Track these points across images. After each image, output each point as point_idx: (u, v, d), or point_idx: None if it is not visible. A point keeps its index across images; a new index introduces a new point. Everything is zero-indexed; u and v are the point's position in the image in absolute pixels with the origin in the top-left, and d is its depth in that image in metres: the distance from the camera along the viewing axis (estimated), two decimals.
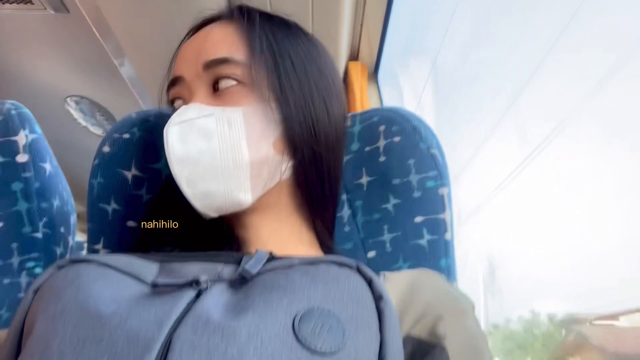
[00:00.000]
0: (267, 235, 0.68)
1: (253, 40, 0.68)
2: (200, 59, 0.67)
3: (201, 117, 0.64)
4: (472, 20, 1.86)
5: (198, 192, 0.63)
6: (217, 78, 0.66)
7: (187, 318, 0.44)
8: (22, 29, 1.61)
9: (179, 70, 0.70)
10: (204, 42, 0.69)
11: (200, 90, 0.67)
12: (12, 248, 0.83)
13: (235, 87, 0.66)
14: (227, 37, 0.69)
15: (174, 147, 0.62)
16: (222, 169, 0.62)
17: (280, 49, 0.69)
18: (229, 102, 0.65)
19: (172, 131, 0.63)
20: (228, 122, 0.63)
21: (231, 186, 0.63)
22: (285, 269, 0.51)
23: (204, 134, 0.63)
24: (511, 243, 2.13)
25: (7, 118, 0.85)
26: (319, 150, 0.69)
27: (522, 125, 1.82)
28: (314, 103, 0.69)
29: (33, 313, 0.49)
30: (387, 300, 0.49)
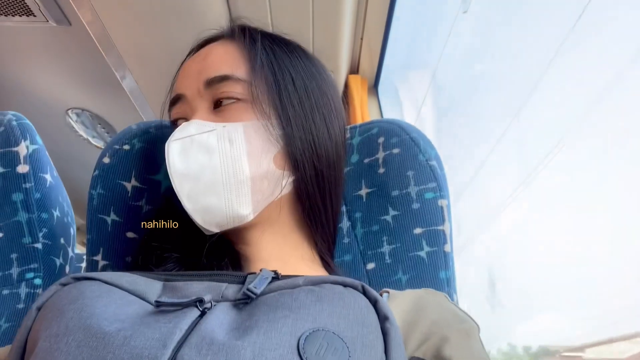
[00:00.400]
0: (268, 251, 0.68)
1: (253, 57, 0.69)
2: (202, 77, 0.68)
3: (202, 133, 0.64)
4: (471, 33, 1.87)
5: (199, 207, 0.63)
6: (218, 95, 0.67)
7: (191, 338, 0.43)
8: (24, 41, 1.61)
9: (180, 88, 0.71)
10: (204, 60, 0.70)
11: (201, 108, 0.68)
12: (12, 259, 0.84)
13: (236, 104, 0.67)
14: (228, 55, 0.70)
15: (175, 163, 0.63)
16: (223, 184, 0.63)
17: (280, 66, 0.70)
18: (230, 118, 0.66)
19: (173, 147, 0.64)
20: (229, 138, 0.64)
21: (232, 201, 0.63)
22: (290, 289, 0.51)
23: (205, 149, 0.64)
24: (512, 256, 2.12)
25: (9, 129, 0.86)
26: (320, 166, 0.70)
27: (523, 138, 1.82)
28: (314, 119, 0.70)
29: (36, 331, 0.48)
30: (393, 321, 0.48)
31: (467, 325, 0.57)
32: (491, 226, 2.01)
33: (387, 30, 1.58)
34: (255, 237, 0.68)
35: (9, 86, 1.84)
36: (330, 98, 0.75)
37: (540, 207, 1.81)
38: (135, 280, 0.55)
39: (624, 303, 1.41)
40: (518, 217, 1.90)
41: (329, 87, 0.76)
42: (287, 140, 0.67)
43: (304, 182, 0.69)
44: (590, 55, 1.42)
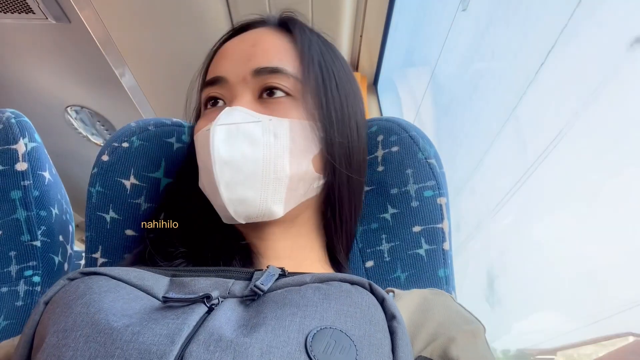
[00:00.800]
0: (283, 249, 0.68)
1: (307, 56, 0.69)
2: (250, 64, 0.67)
3: (248, 123, 0.63)
4: (470, 31, 1.86)
5: (235, 197, 0.62)
6: (266, 86, 0.67)
7: (199, 334, 0.43)
8: (23, 39, 1.61)
9: (222, 70, 0.69)
10: (254, 48, 0.69)
11: (245, 95, 0.67)
12: (10, 256, 0.83)
13: (283, 99, 0.66)
14: (280, 48, 0.69)
15: (219, 148, 0.62)
16: (263, 178, 0.62)
17: (328, 69, 0.70)
18: (276, 112, 0.65)
19: (218, 131, 0.62)
20: (274, 132, 0.64)
21: (267, 197, 0.63)
22: (297, 286, 0.51)
23: (250, 140, 0.63)
24: (512, 254, 2.13)
25: (7, 126, 0.86)
26: (352, 172, 0.70)
27: (522, 136, 1.82)
28: (350, 125, 0.71)
29: (44, 325, 0.48)
30: (400, 320, 0.49)
31: (474, 326, 0.57)
32: (489, 224, 2.01)
33: (387, 28, 1.58)
34: (274, 234, 0.68)
35: (8, 83, 1.84)
36: (361, 106, 0.76)
37: (538, 204, 1.81)
38: (143, 275, 0.55)
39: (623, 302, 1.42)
40: (516, 215, 1.90)
41: (360, 94, 0.77)
42: (326, 144, 0.67)
43: (337, 187, 0.69)
44: (586, 50, 1.42)
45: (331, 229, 0.72)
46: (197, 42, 1.42)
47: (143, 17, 1.36)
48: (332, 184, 0.69)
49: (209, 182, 0.64)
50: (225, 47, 0.72)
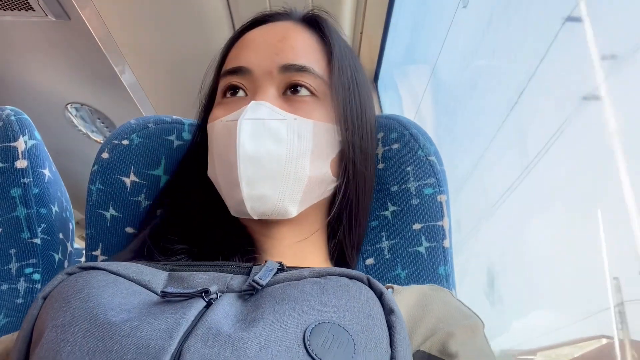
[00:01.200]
0: (287, 247, 0.68)
1: (338, 59, 0.69)
2: (278, 59, 0.66)
3: (274, 120, 0.63)
4: (471, 28, 1.86)
5: (255, 193, 0.62)
6: (292, 84, 0.66)
7: (197, 329, 0.43)
8: (23, 36, 1.61)
9: (246, 61, 0.68)
10: (282, 42, 0.68)
11: (269, 89, 0.66)
12: (11, 254, 0.83)
13: (308, 98, 0.66)
14: (308, 46, 0.69)
15: (245, 143, 0.61)
16: (283, 176, 0.62)
17: (352, 74, 0.70)
18: (300, 111, 0.65)
19: (245, 126, 0.62)
20: (298, 132, 0.63)
21: (285, 195, 0.63)
22: (296, 281, 0.51)
23: (275, 137, 0.62)
24: (512, 252, 2.13)
25: (7, 124, 0.86)
26: (367, 178, 0.71)
27: (522, 133, 1.82)
28: (366, 132, 0.71)
29: (42, 320, 0.48)
30: (398, 314, 0.49)
31: (472, 321, 0.57)
32: (490, 222, 2.01)
33: (387, 25, 1.58)
34: (283, 232, 0.68)
35: (8, 81, 1.84)
36: (374, 111, 0.76)
37: (537, 203, 1.81)
38: (141, 270, 0.55)
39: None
40: (515, 213, 1.90)
41: (372, 100, 0.77)
42: (345, 148, 0.67)
43: (355, 191, 0.69)
44: (588, 48, 1.42)
45: (341, 230, 0.72)
46: (197, 40, 1.42)
47: (143, 14, 1.36)
48: (348, 187, 0.69)
49: (228, 175, 0.63)
50: (250, 37, 0.71)
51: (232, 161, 0.61)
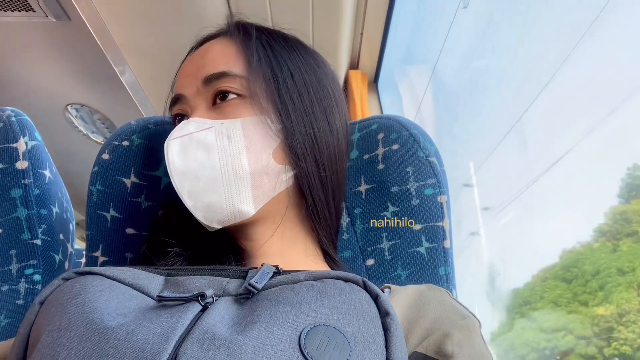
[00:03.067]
0: (270, 246, 0.68)
1: (250, 53, 0.69)
2: (199, 75, 0.68)
3: (200, 131, 0.65)
4: (471, 29, 1.86)
5: (200, 204, 0.63)
6: (216, 92, 0.67)
7: (193, 332, 0.44)
8: (23, 37, 1.61)
9: (179, 88, 0.71)
10: (202, 59, 0.70)
11: (200, 106, 0.68)
12: (11, 255, 0.83)
13: (234, 100, 0.67)
14: (225, 52, 0.70)
15: (175, 161, 0.64)
16: (223, 181, 0.63)
17: (278, 61, 0.70)
18: (229, 114, 0.66)
19: (172, 145, 0.64)
20: (227, 134, 0.64)
21: (232, 198, 0.63)
22: (291, 284, 0.51)
23: (204, 147, 0.64)
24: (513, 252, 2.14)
25: (7, 125, 0.86)
26: (321, 160, 0.69)
27: (523, 133, 1.82)
28: (314, 113, 0.70)
29: (39, 325, 0.49)
30: (393, 316, 0.49)
31: (469, 321, 0.57)
32: (493, 223, 2.02)
33: (387, 25, 1.58)
34: (257, 233, 0.68)
35: (8, 81, 1.84)
36: (330, 91, 0.74)
37: (540, 205, 1.81)
38: (137, 274, 0.55)
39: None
40: (518, 215, 1.91)
41: (330, 80, 0.75)
42: (286, 135, 0.67)
43: (305, 176, 0.68)
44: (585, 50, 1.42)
45: (310, 218, 0.72)
46: (197, 39, 1.42)
47: (143, 14, 1.36)
48: (300, 173, 0.68)
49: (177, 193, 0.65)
50: (183, 65, 0.74)
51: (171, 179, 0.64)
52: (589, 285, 2.18)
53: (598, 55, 1.46)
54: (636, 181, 2.17)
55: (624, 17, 1.30)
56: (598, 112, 1.82)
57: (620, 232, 2.18)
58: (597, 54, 1.44)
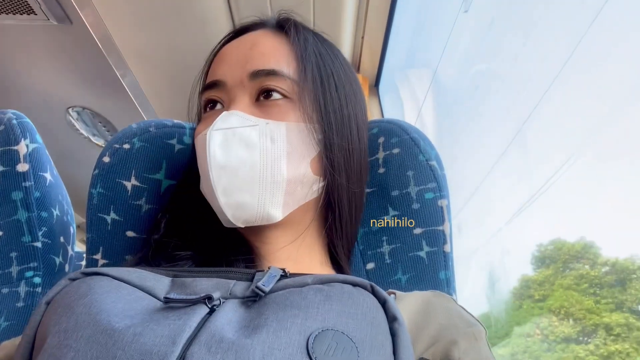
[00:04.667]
0: (284, 251, 0.68)
1: (305, 57, 0.68)
2: (248, 67, 0.67)
3: (245, 127, 0.63)
4: (472, 33, 1.86)
5: (233, 201, 0.62)
6: (263, 89, 0.66)
7: (200, 335, 0.43)
8: (25, 40, 1.61)
9: (219, 74, 0.69)
10: (250, 50, 0.68)
11: (242, 98, 0.66)
12: (11, 257, 0.83)
13: (280, 101, 0.66)
14: (277, 49, 0.69)
15: (216, 153, 0.62)
16: (260, 182, 0.62)
17: (326, 70, 0.70)
18: (273, 115, 0.65)
19: (214, 136, 0.63)
20: (271, 136, 0.63)
21: (265, 200, 0.63)
22: (299, 287, 0.50)
23: (246, 144, 0.62)
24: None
25: (8, 127, 0.86)
26: (352, 174, 0.70)
27: (524, 138, 1.82)
28: (350, 127, 0.70)
29: (45, 326, 0.48)
30: (401, 322, 0.48)
31: (475, 329, 0.57)
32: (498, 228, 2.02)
33: (388, 29, 1.58)
34: (275, 237, 0.68)
35: (10, 84, 1.84)
36: (362, 107, 0.75)
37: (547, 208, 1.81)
38: (144, 276, 0.55)
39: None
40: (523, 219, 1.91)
41: (361, 95, 0.76)
42: (325, 146, 0.67)
43: (337, 190, 0.69)
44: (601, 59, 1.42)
45: (328, 230, 0.72)
46: (198, 43, 1.42)
47: (145, 18, 1.36)
48: (332, 186, 0.68)
49: (208, 187, 0.64)
50: (224, 51, 0.72)
51: (207, 172, 0.62)
52: (499, 331, 2.96)
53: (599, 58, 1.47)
54: (543, 255, 2.99)
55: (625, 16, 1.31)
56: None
57: (524, 294, 3.01)
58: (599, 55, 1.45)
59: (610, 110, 1.53)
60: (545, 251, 2.95)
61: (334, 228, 0.71)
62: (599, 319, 2.65)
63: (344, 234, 0.72)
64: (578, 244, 2.89)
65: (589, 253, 2.85)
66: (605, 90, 1.51)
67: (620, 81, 1.45)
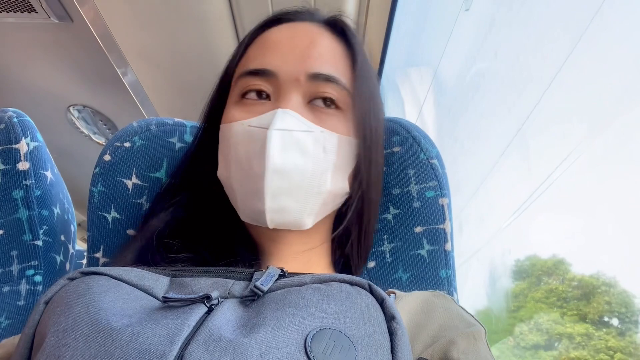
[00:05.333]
0: (293, 253, 0.68)
1: (361, 72, 0.67)
2: (306, 66, 0.64)
3: (301, 131, 0.61)
4: (473, 32, 1.86)
5: (277, 205, 0.61)
6: (319, 94, 0.64)
7: (198, 334, 0.43)
8: (25, 38, 1.61)
9: (272, 63, 0.65)
10: (309, 48, 0.65)
11: (294, 97, 0.63)
12: (12, 256, 0.83)
13: (333, 111, 0.65)
14: (334, 54, 0.67)
15: (275, 156, 0.59)
16: (306, 190, 0.62)
17: (370, 87, 0.69)
18: (326, 124, 0.64)
19: (274, 136, 0.60)
20: (324, 145, 0.62)
21: (305, 208, 0.63)
22: (297, 286, 0.50)
23: (301, 150, 0.61)
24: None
25: (9, 126, 0.86)
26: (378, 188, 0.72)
27: (524, 138, 1.82)
28: (378, 145, 0.70)
29: (44, 325, 0.48)
30: (399, 321, 0.48)
31: (475, 329, 0.57)
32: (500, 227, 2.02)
33: (389, 28, 1.58)
34: (288, 238, 0.68)
35: (11, 82, 1.84)
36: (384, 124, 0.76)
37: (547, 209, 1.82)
38: (143, 275, 0.55)
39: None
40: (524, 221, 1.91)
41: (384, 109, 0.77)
42: (362, 161, 0.67)
43: (367, 203, 0.69)
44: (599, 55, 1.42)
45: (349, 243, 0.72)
46: (199, 42, 1.42)
47: (145, 16, 1.36)
48: (359, 201, 0.69)
49: (248, 184, 0.62)
50: (274, 37, 0.68)
51: (256, 172, 0.60)
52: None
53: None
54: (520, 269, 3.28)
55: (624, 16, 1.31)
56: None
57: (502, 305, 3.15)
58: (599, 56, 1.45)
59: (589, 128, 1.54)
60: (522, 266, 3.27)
61: (355, 241, 0.72)
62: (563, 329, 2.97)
63: (363, 247, 0.73)
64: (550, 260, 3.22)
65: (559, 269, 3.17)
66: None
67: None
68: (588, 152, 1.49)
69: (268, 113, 0.62)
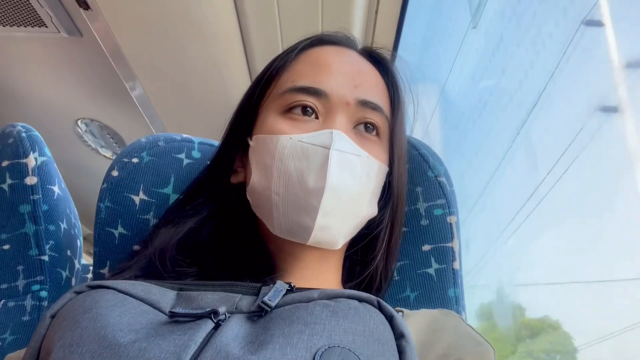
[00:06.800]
0: (309, 269, 0.67)
1: (399, 106, 0.71)
2: (358, 92, 0.66)
3: (353, 155, 0.63)
4: (481, 49, 1.87)
5: (324, 224, 0.61)
6: (365, 121, 0.67)
7: (205, 351, 0.43)
8: (35, 52, 1.63)
9: (325, 84, 0.66)
10: (359, 76, 0.68)
11: (343, 120, 0.65)
12: (18, 270, 0.83)
13: (375, 138, 0.67)
14: (378, 84, 0.71)
15: (334, 174, 0.60)
16: (349, 212, 0.63)
17: (400, 118, 0.72)
18: (370, 150, 0.65)
19: (335, 156, 0.61)
20: (368, 171, 0.64)
21: (342, 230, 0.64)
22: (305, 302, 0.50)
23: (351, 172, 0.62)
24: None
25: (18, 140, 0.86)
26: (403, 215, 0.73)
27: (532, 154, 1.82)
28: (405, 173, 0.73)
29: (50, 339, 0.48)
30: (409, 339, 0.48)
31: (483, 348, 0.56)
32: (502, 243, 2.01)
33: (396, 43, 1.58)
34: (309, 255, 0.67)
35: (19, 96, 1.86)
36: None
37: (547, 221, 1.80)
38: (149, 289, 0.54)
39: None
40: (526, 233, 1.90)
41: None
42: (392, 188, 0.69)
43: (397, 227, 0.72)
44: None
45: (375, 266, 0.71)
46: (208, 57, 1.42)
47: (154, 31, 1.37)
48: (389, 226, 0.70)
49: (298, 200, 0.61)
50: (325, 59, 0.69)
51: (311, 187, 0.60)
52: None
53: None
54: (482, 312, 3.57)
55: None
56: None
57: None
58: None
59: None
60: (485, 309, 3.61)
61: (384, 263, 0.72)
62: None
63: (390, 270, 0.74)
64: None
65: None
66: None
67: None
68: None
69: (323, 132, 0.63)
